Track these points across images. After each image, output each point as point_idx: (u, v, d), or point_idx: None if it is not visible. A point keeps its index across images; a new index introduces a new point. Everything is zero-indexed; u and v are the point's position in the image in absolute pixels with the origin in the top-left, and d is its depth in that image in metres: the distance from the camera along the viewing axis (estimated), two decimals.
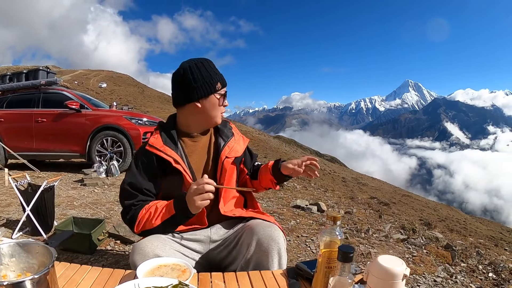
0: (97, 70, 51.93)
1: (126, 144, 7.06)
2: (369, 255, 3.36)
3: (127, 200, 1.60)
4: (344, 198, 8.37)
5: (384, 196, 16.64)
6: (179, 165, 1.61)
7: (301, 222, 4.52)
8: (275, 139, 38.71)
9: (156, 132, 1.71)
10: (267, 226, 1.56)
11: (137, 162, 1.66)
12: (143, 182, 1.62)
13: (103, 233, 3.04)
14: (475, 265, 3.66)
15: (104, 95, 30.24)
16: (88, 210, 4.36)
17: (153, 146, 1.63)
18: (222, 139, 1.79)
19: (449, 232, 8.66)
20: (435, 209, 22.81)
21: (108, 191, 5.74)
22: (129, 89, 40.94)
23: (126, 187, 1.62)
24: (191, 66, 1.64)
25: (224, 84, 1.70)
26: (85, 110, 7.24)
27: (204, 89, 1.63)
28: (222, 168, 1.72)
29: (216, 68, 1.70)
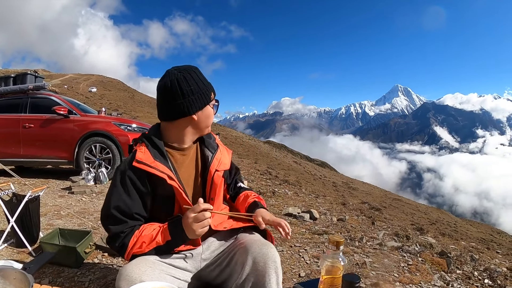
0: (87, 75, 51.49)
1: (115, 151, 6.93)
2: (364, 265, 3.30)
3: (115, 226, 1.47)
4: (336, 204, 8.32)
5: (375, 200, 16.70)
6: (173, 181, 1.50)
7: (293, 231, 4.44)
8: (265, 144, 38.74)
9: (142, 145, 1.56)
10: (262, 244, 1.49)
11: (124, 181, 1.49)
12: (132, 206, 1.48)
13: (90, 246, 2.92)
14: (470, 272, 3.66)
15: (94, 100, 29.97)
16: (75, 220, 4.23)
17: (142, 162, 1.48)
18: (209, 151, 1.70)
19: (441, 236, 8.67)
20: (425, 212, 22.96)
21: (96, 199, 5.60)
22: (119, 93, 40.65)
23: (112, 212, 1.47)
24: (182, 78, 1.51)
25: (215, 93, 1.64)
26: (73, 116, 7.10)
27: (201, 101, 1.55)
28: (212, 182, 1.63)
29: (204, 76, 1.62)
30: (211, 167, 1.64)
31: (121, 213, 1.47)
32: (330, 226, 4.99)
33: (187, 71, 1.54)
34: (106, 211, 1.50)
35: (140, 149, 1.53)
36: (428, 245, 4.68)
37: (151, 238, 1.44)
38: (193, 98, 1.51)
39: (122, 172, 1.51)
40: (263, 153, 23.88)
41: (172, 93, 1.51)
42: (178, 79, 1.51)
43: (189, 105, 1.51)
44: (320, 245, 3.87)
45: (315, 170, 27.92)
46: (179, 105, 1.51)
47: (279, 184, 9.42)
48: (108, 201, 1.50)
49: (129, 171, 1.49)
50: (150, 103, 38.93)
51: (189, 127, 1.58)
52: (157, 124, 1.68)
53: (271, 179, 10.30)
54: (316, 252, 3.59)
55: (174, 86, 1.50)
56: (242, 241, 1.55)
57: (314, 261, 3.32)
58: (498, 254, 6.94)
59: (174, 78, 1.51)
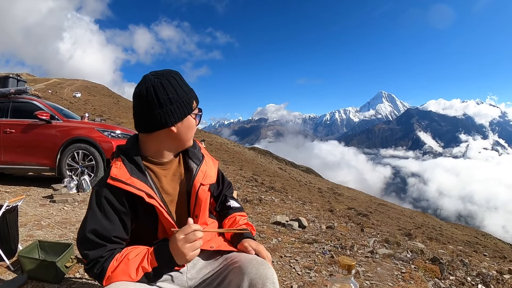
0: (71, 79, 50.81)
1: (98, 158, 6.74)
2: (357, 274, 3.21)
3: (92, 251, 1.29)
4: (323, 210, 8.29)
5: (360, 206, 16.83)
6: (153, 200, 1.34)
7: (283, 240, 4.36)
8: (250, 151, 38.78)
9: (117, 160, 1.38)
10: (259, 264, 1.33)
11: (100, 202, 1.32)
12: (111, 229, 1.31)
13: (71, 259, 2.76)
14: (463, 277, 3.69)
15: (78, 105, 29.55)
16: (56, 231, 4.04)
17: (118, 179, 1.31)
18: (193, 162, 1.52)
19: (428, 240, 8.73)
20: (410, 216, 23.26)
21: (78, 208, 5.40)
22: (104, 99, 40.21)
23: (88, 237, 1.29)
24: (159, 85, 1.33)
25: (197, 101, 1.45)
26: (55, 121, 6.88)
27: (180, 111, 1.37)
28: (197, 198, 1.47)
29: (186, 82, 1.43)
30: (195, 181, 1.48)
31: (99, 236, 1.29)
32: (320, 235, 4.90)
33: (165, 77, 1.36)
34: (81, 236, 1.31)
35: (116, 165, 1.36)
36: (419, 251, 4.65)
37: (136, 263, 1.27)
38: (172, 107, 1.34)
39: (97, 192, 1.35)
40: (248, 160, 23.84)
41: (148, 102, 1.33)
42: (155, 86, 1.33)
43: (167, 115, 1.34)
44: (311, 255, 3.78)
45: (300, 176, 28.02)
46: (156, 115, 1.33)
47: (265, 191, 9.35)
48: (84, 225, 1.32)
49: (104, 190, 1.33)
50: None
51: (168, 140, 1.41)
52: (135, 135, 1.50)
53: (257, 186, 10.23)
54: (307, 263, 3.49)
55: (150, 94, 1.32)
56: (235, 260, 1.40)
57: (306, 272, 3.22)
58: (486, 257, 7.01)
59: (150, 85, 1.33)
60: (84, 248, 1.30)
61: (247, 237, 1.52)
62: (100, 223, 1.30)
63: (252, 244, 1.48)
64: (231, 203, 1.72)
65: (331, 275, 3.22)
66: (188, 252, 1.25)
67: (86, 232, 1.29)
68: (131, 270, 1.25)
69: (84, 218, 1.34)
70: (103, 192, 1.32)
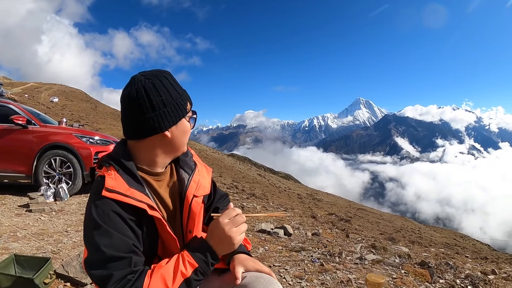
0: (49, 84, 49.55)
1: (76, 165, 6.54)
2: (350, 282, 3.15)
3: (117, 271, 1.06)
4: (306, 217, 8.27)
5: (340, 211, 16.93)
6: (156, 212, 1.20)
7: (270, 249, 4.29)
8: (229, 157, 38.72)
9: (110, 170, 1.22)
10: (267, 282, 1.23)
11: (104, 216, 1.12)
12: (130, 237, 1.13)
13: (50, 275, 2.59)
14: (452, 280, 3.70)
15: (55, 110, 28.84)
16: (33, 243, 3.84)
17: (115, 191, 1.14)
18: (185, 172, 1.40)
19: (411, 244, 8.80)
20: (390, 220, 23.56)
21: (56, 218, 5.18)
22: (82, 104, 39.40)
23: (107, 252, 1.07)
24: (151, 86, 1.21)
25: (191, 103, 1.33)
26: (32, 126, 6.65)
27: (175, 114, 1.24)
28: (190, 211, 1.34)
29: (178, 82, 1.30)
30: (187, 192, 1.34)
31: (119, 249, 1.09)
32: (307, 242, 4.85)
33: (157, 77, 1.23)
34: (97, 258, 1.08)
35: (110, 175, 1.19)
36: (406, 256, 4.64)
37: (171, 269, 1.10)
38: (165, 110, 1.21)
39: (98, 206, 1.14)
40: (228, 166, 23.75)
41: (139, 105, 1.20)
42: (146, 87, 1.20)
43: (161, 119, 1.21)
44: (300, 263, 3.71)
45: (279, 182, 28.10)
46: (148, 119, 1.20)
47: (247, 198, 9.30)
48: (95, 245, 1.09)
49: (105, 202, 1.14)
50: (113, 114, 38.05)
51: (162, 147, 1.27)
52: (122, 141, 1.34)
53: (238, 193, 10.17)
54: (297, 272, 3.42)
55: (141, 96, 1.19)
56: (238, 282, 1.28)
57: (297, 282, 3.15)
58: (468, 258, 7.11)
59: (141, 86, 1.20)
60: (104, 269, 1.07)
61: (240, 252, 1.37)
62: (115, 235, 1.10)
63: (248, 264, 1.32)
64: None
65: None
66: (236, 235, 1.17)
67: (102, 249, 1.07)
68: (167, 279, 1.08)
69: (91, 242, 1.11)
70: (105, 205, 1.14)
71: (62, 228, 4.58)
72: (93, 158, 6.60)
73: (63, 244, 3.91)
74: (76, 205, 6.08)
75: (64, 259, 3.30)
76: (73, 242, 4.02)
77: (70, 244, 3.92)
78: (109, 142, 7.23)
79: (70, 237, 4.21)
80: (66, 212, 5.51)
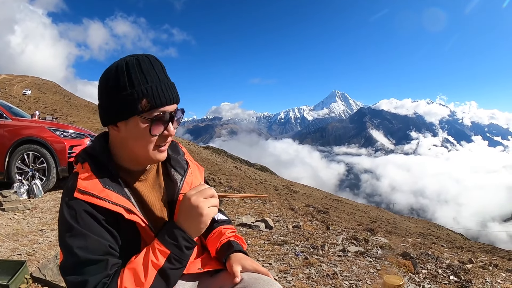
0: (21, 76, 47.83)
1: (50, 160, 6.34)
2: (335, 275, 3.14)
3: (92, 276, 0.98)
4: (285, 209, 8.28)
5: (316, 202, 17.10)
6: (134, 215, 1.08)
7: (252, 243, 4.26)
8: (205, 150, 38.51)
9: (84, 167, 1.10)
10: (267, 283, 1.14)
11: (77, 217, 1.01)
12: (105, 239, 1.03)
13: (26, 279, 2.45)
14: (435, 270, 3.76)
15: (28, 103, 27.94)
16: (6, 245, 3.66)
17: (88, 192, 1.03)
18: (177, 172, 1.27)
19: (388, 234, 8.96)
20: (365, 211, 24.00)
21: (30, 217, 4.98)
22: (55, 97, 38.27)
23: (81, 256, 0.98)
24: (116, 67, 1.05)
25: (157, 103, 1.04)
26: (3, 120, 6.42)
27: (122, 107, 1.04)
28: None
29: (160, 72, 1.08)
30: (180, 195, 1.21)
31: (94, 251, 1.00)
32: (288, 235, 4.84)
33: (133, 59, 1.06)
34: (71, 261, 0.99)
35: (83, 174, 1.08)
36: (387, 247, 4.69)
37: (141, 261, 1.01)
38: (117, 98, 1.04)
39: (70, 207, 1.03)
40: (204, 159, 23.57)
41: (99, 86, 1.09)
42: (112, 68, 1.06)
43: (110, 108, 1.07)
44: (284, 257, 3.68)
45: (255, 174, 28.16)
46: (101, 105, 1.10)
47: (224, 191, 9.24)
48: (69, 249, 1.00)
49: (78, 203, 1.03)
50: (87, 107, 37.21)
51: (117, 143, 1.13)
52: (102, 133, 1.21)
53: (216, 185, 10.14)
54: (282, 266, 3.39)
55: (102, 77, 1.07)
56: (238, 280, 1.18)
57: (282, 276, 3.11)
58: (444, 248, 7.29)
59: (121, 63, 1.05)
60: (79, 275, 0.98)
61: (237, 251, 1.27)
62: (90, 237, 1.01)
63: (246, 263, 1.22)
64: (216, 216, 1.37)
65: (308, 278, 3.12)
66: (204, 205, 1.04)
67: (75, 251, 0.98)
68: (139, 273, 0.99)
69: (65, 245, 1.01)
70: (78, 206, 1.03)
71: (37, 227, 4.41)
72: (68, 153, 6.39)
73: (38, 244, 3.75)
74: (51, 202, 5.89)
75: (40, 261, 3.15)
76: (49, 242, 3.86)
77: (46, 244, 3.76)
78: (84, 136, 7.04)
79: (46, 236, 4.04)
80: (40, 210, 5.32)
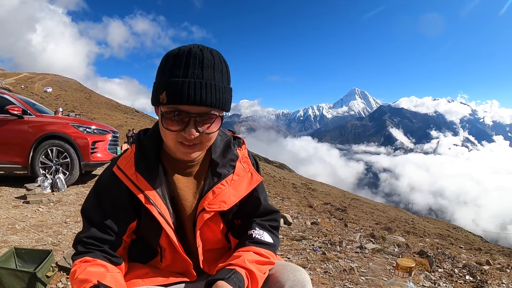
0: (42, 74, 48.88)
1: (73, 155, 6.45)
2: (352, 270, 3.16)
3: (80, 232, 1.12)
4: (303, 206, 8.30)
5: (335, 200, 17.05)
6: (152, 206, 1.08)
7: None
8: None
9: (132, 148, 1.15)
10: (294, 269, 1.15)
11: (99, 187, 1.13)
12: (99, 213, 1.10)
13: (52, 267, 2.54)
14: (451, 269, 3.73)
15: (49, 100, 28.60)
16: (32, 235, 3.78)
17: (122, 171, 1.09)
18: (215, 174, 1.17)
19: (406, 234, 8.89)
20: (383, 211, 23.79)
21: (54, 209, 5.10)
22: (76, 94, 39.01)
23: (81, 215, 1.14)
24: (173, 51, 1.01)
25: (172, 99, 0.97)
26: (28, 116, 6.52)
27: (153, 91, 1.03)
28: (195, 222, 1.16)
29: (198, 68, 0.97)
30: (201, 202, 1.15)
31: (87, 217, 1.12)
32: (307, 231, 4.87)
33: (197, 48, 0.99)
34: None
35: (128, 152, 1.14)
36: (404, 245, 4.68)
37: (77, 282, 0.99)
38: (155, 83, 1.02)
39: (102, 176, 1.16)
40: None
41: (160, 65, 1.03)
42: (172, 51, 1.01)
43: (153, 90, 1.04)
44: (302, 252, 3.73)
45: (274, 172, 28.16)
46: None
47: None
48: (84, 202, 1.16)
49: (108, 176, 1.13)
50: (108, 104, 37.79)
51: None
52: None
53: None
54: (300, 260, 3.43)
55: (166, 58, 1.01)
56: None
57: None
58: (462, 249, 7.19)
59: (193, 49, 0.99)
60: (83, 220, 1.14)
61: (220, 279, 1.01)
62: (91, 205, 1.13)
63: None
64: (255, 233, 1.19)
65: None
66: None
67: (83, 206, 1.15)
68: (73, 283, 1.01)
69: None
70: (105, 179, 1.13)
71: (61, 219, 4.53)
72: (90, 148, 6.53)
73: (63, 235, 3.86)
74: (74, 196, 6.01)
75: (65, 251, 3.27)
76: (73, 233, 3.98)
77: (70, 235, 3.88)
78: (106, 132, 7.15)
79: (70, 228, 4.17)
80: (64, 203, 5.45)
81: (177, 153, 1.08)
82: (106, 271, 1.02)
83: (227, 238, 1.30)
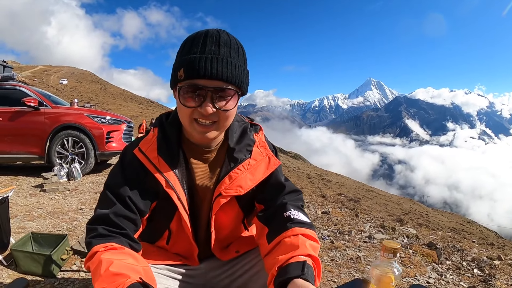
0: (58, 66, 49.56)
1: (89, 145, 6.60)
2: (359, 259, 3.20)
3: (101, 208, 1.08)
4: (316, 196, 8.31)
5: (349, 191, 16.95)
6: (172, 191, 1.12)
7: None
8: None
9: (154, 132, 1.18)
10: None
11: (123, 163, 1.15)
12: (126, 189, 1.09)
13: (67, 251, 2.66)
14: (459, 262, 3.70)
15: (65, 92, 29.02)
16: (48, 222, 3.91)
17: (143, 153, 1.13)
18: (231, 159, 1.19)
19: (418, 226, 8.83)
20: (398, 203, 23.55)
21: (70, 197, 5.24)
22: (91, 86, 39.48)
23: (104, 191, 1.11)
24: (193, 34, 1.05)
25: (189, 74, 0.99)
26: (44, 108, 6.66)
27: (172, 72, 1.07)
28: (211, 208, 1.18)
29: (214, 45, 1.01)
30: (217, 187, 1.17)
31: (112, 192, 1.09)
32: (317, 220, 4.91)
33: (213, 30, 1.04)
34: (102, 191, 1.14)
35: (150, 136, 1.17)
36: (414, 237, 4.68)
37: (104, 271, 0.90)
38: (174, 66, 1.06)
39: (124, 154, 1.18)
40: None
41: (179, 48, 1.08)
42: (193, 34, 1.06)
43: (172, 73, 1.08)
44: None
45: (289, 162, 28.13)
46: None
47: None
48: (106, 180, 1.15)
49: (129, 156, 1.15)
50: (123, 95, 38.13)
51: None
52: None
53: None
54: None
55: (184, 41, 1.06)
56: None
57: None
58: (474, 243, 7.12)
59: (210, 31, 1.04)
60: (98, 202, 1.13)
61: (297, 276, 0.91)
62: (117, 179, 1.12)
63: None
64: (292, 214, 1.13)
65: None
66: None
67: (104, 187, 1.13)
68: (96, 273, 0.92)
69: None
70: (131, 158, 1.14)
71: (76, 207, 4.66)
72: (105, 138, 6.67)
73: (78, 221, 3.99)
74: (90, 184, 6.16)
75: (80, 235, 3.39)
76: (88, 219, 4.09)
77: (85, 221, 3.97)
78: (121, 122, 7.26)
79: (85, 214, 4.29)
80: (79, 191, 5.59)
81: (193, 133, 1.08)
82: (138, 264, 0.98)
83: (243, 224, 1.34)
